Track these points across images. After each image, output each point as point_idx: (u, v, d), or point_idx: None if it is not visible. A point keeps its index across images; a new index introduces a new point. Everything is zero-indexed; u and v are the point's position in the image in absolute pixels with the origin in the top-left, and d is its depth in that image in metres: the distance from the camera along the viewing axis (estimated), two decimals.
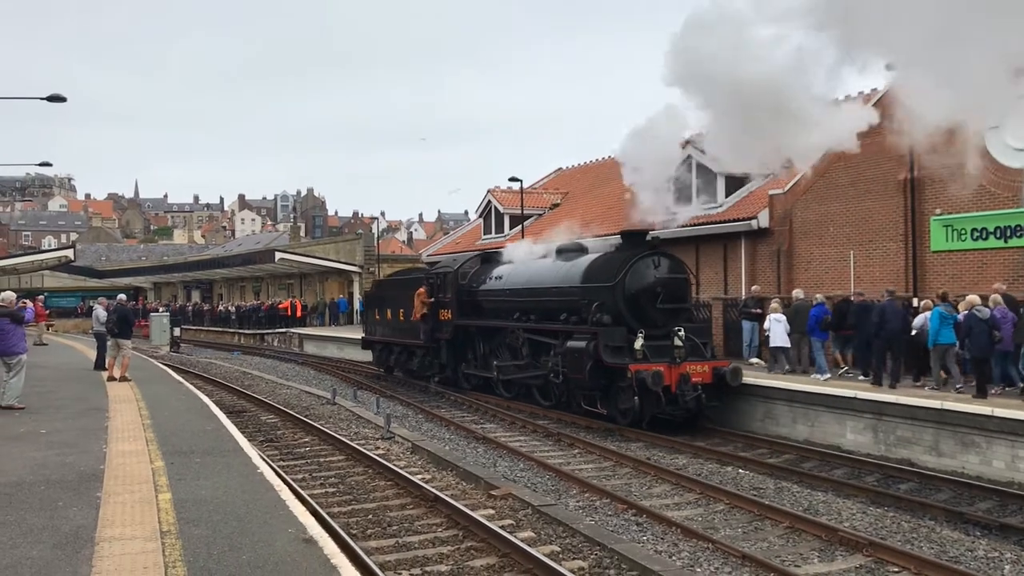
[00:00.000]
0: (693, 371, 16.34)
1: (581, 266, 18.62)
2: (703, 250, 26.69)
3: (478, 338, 22.19)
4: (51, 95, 23.61)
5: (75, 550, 6.37)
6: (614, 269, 17.41)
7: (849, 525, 10.26)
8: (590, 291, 17.73)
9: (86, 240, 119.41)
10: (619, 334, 16.68)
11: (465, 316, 22.45)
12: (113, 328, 18.96)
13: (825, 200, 22.61)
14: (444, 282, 23.23)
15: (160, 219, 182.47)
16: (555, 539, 9.65)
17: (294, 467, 13.53)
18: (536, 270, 20.54)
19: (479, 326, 21.94)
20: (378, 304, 28.27)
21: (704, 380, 16.48)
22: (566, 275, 18.95)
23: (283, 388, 25.26)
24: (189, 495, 8.09)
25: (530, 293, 20.03)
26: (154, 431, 11.91)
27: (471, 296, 22.50)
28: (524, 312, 20.27)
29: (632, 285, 17.05)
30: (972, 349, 14.51)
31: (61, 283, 73.67)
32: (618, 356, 16.46)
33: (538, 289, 19.73)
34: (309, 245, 70.81)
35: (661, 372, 15.78)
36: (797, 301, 18.62)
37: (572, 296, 18.34)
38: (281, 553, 6.34)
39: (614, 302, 17.07)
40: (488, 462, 14.39)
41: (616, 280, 17.10)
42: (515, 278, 21.00)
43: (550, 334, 18.78)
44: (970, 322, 14.42)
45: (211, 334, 55.78)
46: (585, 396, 17.78)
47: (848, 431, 15.27)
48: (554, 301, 19.06)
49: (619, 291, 17.04)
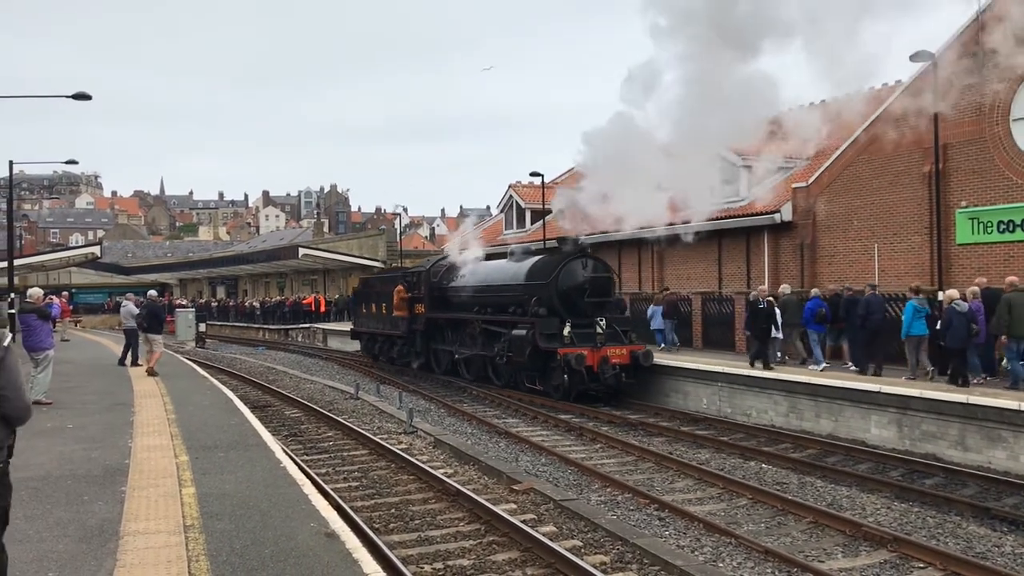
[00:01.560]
0: (613, 354, 19.36)
1: (525, 267, 21.79)
2: (725, 244, 26.57)
3: (446, 328, 25.43)
4: (77, 93, 23.80)
5: (100, 543, 6.44)
6: (550, 269, 20.67)
7: (873, 520, 10.19)
8: (531, 288, 20.89)
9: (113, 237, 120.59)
10: (552, 323, 19.73)
11: (436, 310, 25.63)
12: (143, 323, 19.46)
13: (849, 193, 22.43)
14: (419, 280, 26.58)
15: (185, 216, 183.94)
16: (577, 534, 9.65)
17: (317, 461, 13.61)
18: (491, 269, 23.94)
19: (447, 318, 25.15)
20: (364, 300, 31.75)
21: (622, 361, 19.49)
22: (513, 274, 22.20)
23: (307, 383, 25.41)
24: (213, 489, 8.15)
25: (486, 289, 23.27)
26: (179, 426, 12.02)
27: (441, 292, 25.58)
28: (482, 306, 23.25)
29: (564, 283, 20.24)
30: (951, 341, 14.85)
31: (88, 280, 74.51)
32: (551, 342, 19.48)
33: (492, 286, 23.03)
34: (332, 241, 71.15)
35: (584, 355, 18.82)
36: (785, 296, 19.47)
37: (517, 292, 21.50)
38: (303, 547, 6.38)
39: (549, 297, 20.26)
40: (510, 457, 14.40)
41: (551, 278, 20.33)
42: (475, 277, 24.24)
43: (500, 324, 21.83)
44: (950, 315, 14.84)
45: (236, 330, 56.21)
46: (527, 376, 20.90)
47: (873, 425, 15.17)
48: (504, 296, 22.22)
49: (553, 288, 20.25)
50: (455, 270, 25.46)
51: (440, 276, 25.88)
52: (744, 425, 16.97)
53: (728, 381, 18.44)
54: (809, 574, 8.48)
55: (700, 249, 27.62)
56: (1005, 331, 14.55)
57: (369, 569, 5.93)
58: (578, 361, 18.72)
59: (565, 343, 19.36)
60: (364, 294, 32.33)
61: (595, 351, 19.17)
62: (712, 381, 18.89)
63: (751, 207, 25.58)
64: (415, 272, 27.49)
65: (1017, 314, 14.21)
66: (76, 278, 73.55)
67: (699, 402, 19.17)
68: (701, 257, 27.65)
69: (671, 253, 29.19)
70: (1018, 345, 14.40)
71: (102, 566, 5.90)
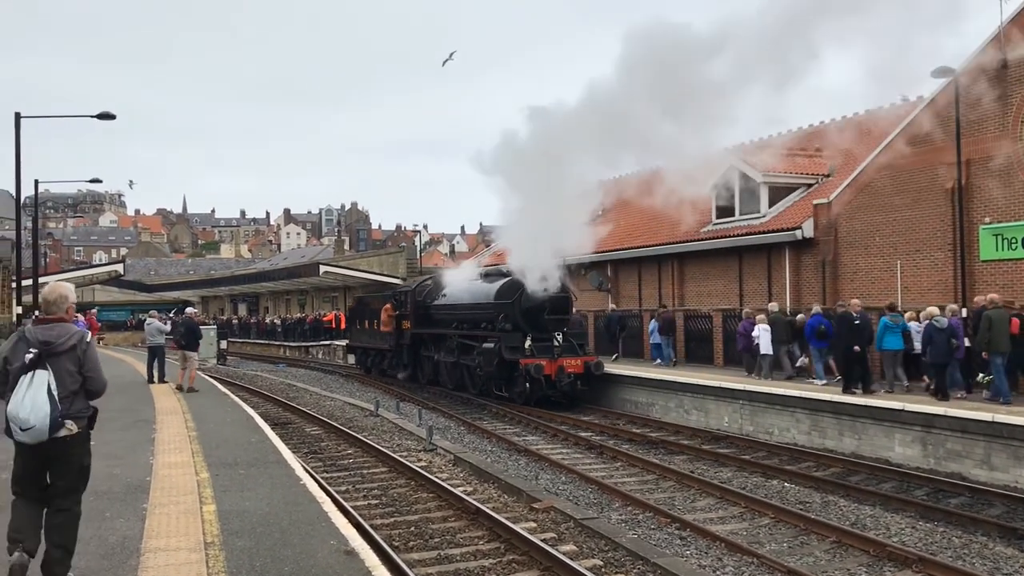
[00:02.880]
0: (568, 364, 21.76)
1: (495, 287, 24.12)
2: (746, 260, 26.47)
3: (429, 342, 27.89)
4: (101, 113, 24.04)
5: (122, 560, 6.46)
6: (515, 290, 22.94)
7: (898, 540, 10.07)
8: (499, 306, 23.33)
9: (136, 255, 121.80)
10: (516, 338, 22.26)
11: (420, 326, 28.17)
12: (181, 340, 19.69)
13: (871, 210, 22.30)
14: (406, 299, 29.15)
15: (207, 234, 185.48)
16: (597, 553, 9.59)
17: (337, 479, 13.61)
18: (467, 289, 26.16)
19: (429, 333, 27.78)
20: (359, 317, 34.80)
21: (577, 371, 21.87)
22: (485, 294, 24.52)
23: (327, 400, 25.46)
24: (233, 507, 8.17)
25: (461, 308, 25.83)
26: (200, 443, 12.06)
27: (425, 310, 28.11)
28: (459, 322, 25.86)
29: (526, 302, 22.56)
30: (932, 356, 15.52)
31: (111, 297, 75.11)
32: (514, 354, 21.91)
33: (467, 304, 25.49)
34: (353, 258, 71.47)
35: (542, 365, 21.32)
36: (773, 314, 20.19)
37: (488, 310, 23.98)
38: (323, 565, 6.38)
39: (514, 315, 22.73)
40: (530, 475, 14.35)
41: (515, 298, 22.72)
42: (453, 296, 26.71)
43: (473, 338, 24.34)
44: (930, 331, 15.54)
45: (257, 347, 56.47)
46: (495, 384, 23.11)
47: (897, 444, 15.00)
48: (476, 314, 24.71)
49: (517, 306, 22.68)
50: (438, 290, 28.00)
51: (424, 295, 28.40)
52: (766, 443, 16.84)
53: (749, 399, 18.33)
54: None
55: (720, 266, 27.54)
56: (986, 347, 15.00)
57: None
58: (537, 370, 21.24)
59: (527, 355, 21.79)
60: (358, 311, 35.19)
61: (552, 362, 21.60)
62: (734, 399, 18.79)
63: (772, 223, 25.49)
64: (403, 292, 30.36)
65: (997, 330, 14.80)
66: (99, 295, 74.17)
67: (720, 420, 19.06)
68: (721, 274, 27.55)
69: (691, 270, 29.12)
70: (999, 360, 14.89)
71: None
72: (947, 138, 18.92)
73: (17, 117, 23.01)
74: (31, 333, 5.80)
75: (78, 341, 5.82)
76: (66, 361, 5.74)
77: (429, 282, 29.42)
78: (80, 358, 5.81)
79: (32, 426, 5.51)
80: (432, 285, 28.73)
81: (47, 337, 5.74)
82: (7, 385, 5.67)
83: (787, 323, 20.04)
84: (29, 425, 5.51)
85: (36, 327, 5.88)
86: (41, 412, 5.52)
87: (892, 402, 15.30)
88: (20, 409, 5.52)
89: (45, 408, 5.53)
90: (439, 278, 28.97)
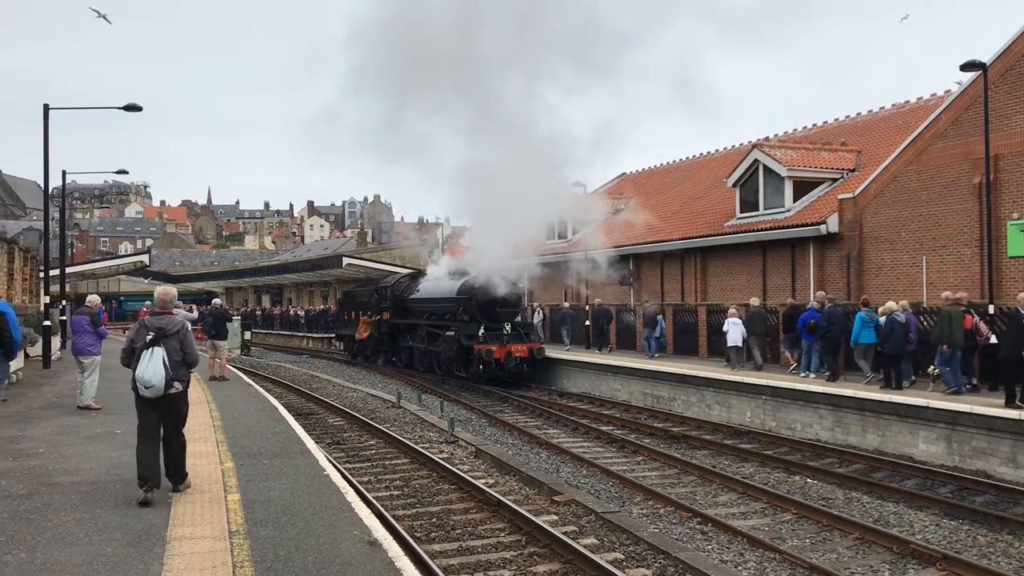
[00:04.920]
0: (515, 349, 25.71)
1: (457, 284, 28.16)
2: (770, 255, 26.30)
3: (405, 331, 32.23)
4: (128, 104, 24.12)
5: (147, 548, 6.53)
6: (473, 287, 26.94)
7: (922, 538, 10.01)
8: (459, 300, 27.46)
9: (161, 246, 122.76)
10: (473, 327, 26.14)
11: (398, 317, 32.50)
12: (210, 330, 19.95)
13: (897, 205, 22.09)
14: (385, 294, 33.48)
15: (232, 225, 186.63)
16: (618, 546, 9.60)
17: (360, 469, 13.70)
18: (436, 285, 30.54)
19: (404, 323, 32.14)
20: (346, 309, 39.56)
21: (523, 355, 25.87)
22: (449, 290, 28.61)
23: (349, 391, 25.59)
24: (257, 496, 8.23)
25: (431, 301, 30.05)
26: (224, 432, 12.16)
27: (402, 303, 32.28)
28: (429, 314, 30.10)
29: (481, 297, 26.65)
30: (888, 348, 16.66)
31: (137, 288, 75.78)
32: (470, 340, 25.82)
33: (435, 299, 29.81)
34: (376, 250, 71.68)
35: (492, 350, 25.23)
36: (752, 308, 21.40)
37: (451, 303, 28.13)
38: (346, 555, 6.42)
39: (471, 307, 26.77)
40: (551, 467, 14.37)
41: (473, 294, 26.81)
42: (426, 291, 31.01)
43: (439, 327, 28.57)
44: (890, 325, 16.60)
45: (280, 338, 56.78)
46: (456, 366, 27.09)
47: (921, 441, 14.89)
48: (442, 306, 28.95)
49: (474, 301, 26.73)
50: (413, 285, 32.44)
51: (402, 290, 32.70)
52: (789, 439, 16.77)
53: (773, 394, 18.25)
54: None
55: (743, 260, 27.39)
56: (945, 341, 15.56)
57: None
58: (488, 354, 25.15)
59: (480, 341, 25.54)
60: (346, 304, 40.02)
61: (502, 347, 25.43)
62: (756, 394, 18.72)
63: (797, 218, 25.32)
64: (384, 287, 34.27)
65: (955, 325, 15.43)
66: (125, 286, 74.91)
67: (743, 415, 18.99)
68: (744, 268, 27.41)
69: (714, 264, 28.98)
70: (955, 354, 15.59)
71: (149, 569, 5.98)
72: (975, 133, 18.71)
73: (46, 108, 23.20)
74: (149, 322, 8.08)
75: (180, 328, 8.17)
76: (173, 341, 7.99)
77: (405, 279, 34.07)
78: (182, 340, 8.09)
79: (153, 385, 7.78)
80: (408, 281, 33.35)
81: (160, 324, 8.04)
82: (134, 357, 7.94)
83: (763, 317, 21.46)
84: (151, 384, 7.78)
85: (152, 317, 8.16)
86: (159, 376, 7.78)
87: (917, 399, 15.18)
88: (145, 373, 7.79)
89: (161, 373, 7.79)
90: (417, 274, 33.78)
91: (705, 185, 34.02)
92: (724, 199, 29.91)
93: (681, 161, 41.44)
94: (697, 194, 33.94)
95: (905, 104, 28.87)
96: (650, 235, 32.30)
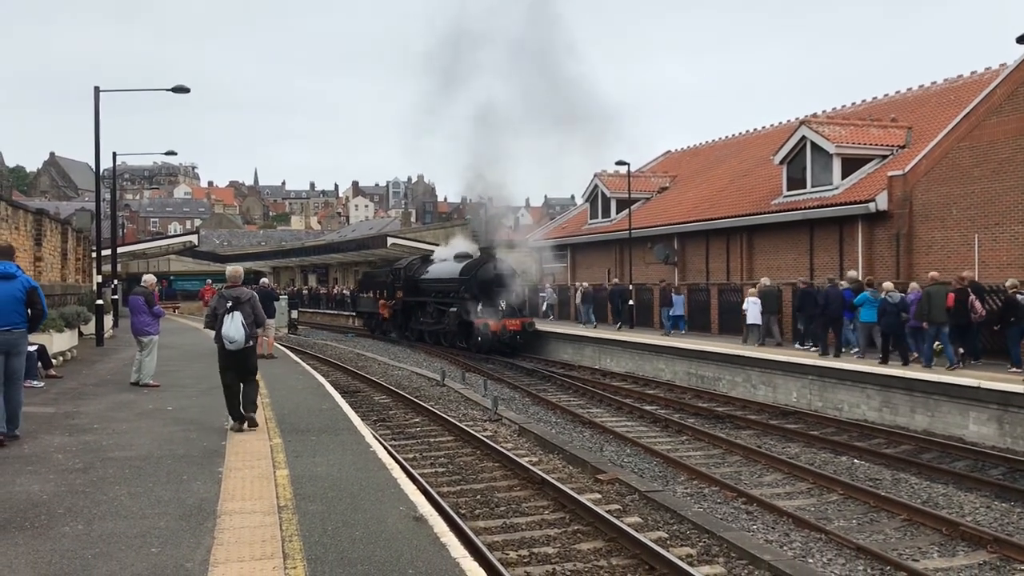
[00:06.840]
0: (509, 323, 29.22)
1: (460, 266, 32.06)
2: (817, 234, 25.97)
3: (416, 308, 36.07)
4: (176, 86, 24.38)
5: (199, 521, 6.67)
6: (473, 268, 30.93)
7: (972, 520, 9.87)
8: (462, 281, 31.20)
9: (209, 226, 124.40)
10: (473, 305, 29.91)
11: (410, 295, 36.33)
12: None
13: (948, 182, 21.65)
14: (399, 274, 37.21)
15: (278, 206, 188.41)
16: (662, 525, 9.60)
17: (405, 447, 13.84)
18: (442, 267, 34.36)
19: (415, 301, 35.86)
20: (365, 288, 44.12)
21: (516, 329, 29.39)
22: (452, 271, 32.53)
23: (395, 370, 25.82)
24: (305, 472, 8.36)
25: (438, 281, 33.89)
26: (272, 409, 12.34)
27: (414, 283, 36.02)
28: (435, 292, 33.89)
29: (481, 276, 30.41)
30: (884, 326, 17.45)
31: (186, 267, 76.89)
32: (470, 316, 29.74)
33: (442, 279, 33.61)
34: (419, 230, 71.94)
35: (489, 324, 28.85)
36: (765, 287, 22.13)
37: (454, 283, 31.86)
38: (392, 530, 6.50)
39: (472, 287, 30.39)
40: (594, 446, 14.40)
41: (472, 274, 30.62)
42: (434, 272, 34.92)
43: (444, 304, 32.58)
44: (885, 305, 17.36)
45: (327, 317, 57.36)
46: (458, 339, 31.23)
47: (971, 422, 14.65)
48: (448, 286, 32.58)
49: (474, 281, 30.44)
50: (423, 267, 36.25)
51: (413, 271, 36.40)
52: (835, 419, 16.61)
53: (819, 374, 18.07)
54: (903, 573, 8.27)
55: (790, 239, 27.08)
56: (926, 318, 16.33)
57: (457, 554, 6.00)
58: (485, 328, 28.86)
59: (479, 316, 29.18)
60: (365, 284, 44.66)
61: (498, 322, 28.90)
62: (802, 374, 18.54)
63: (845, 196, 24.93)
64: (398, 268, 38.07)
65: (935, 304, 16.15)
66: (174, 265, 76.01)
67: (788, 395, 18.83)
68: (791, 247, 27.10)
69: (760, 243, 28.70)
70: (937, 331, 16.35)
71: (200, 543, 6.11)
72: None
73: (96, 91, 23.56)
74: (227, 293, 10.34)
75: (250, 297, 10.42)
76: (247, 307, 10.28)
77: (416, 261, 37.98)
78: (253, 306, 10.37)
79: (235, 340, 10.13)
80: (419, 263, 37.20)
81: (236, 294, 10.34)
82: (218, 321, 10.20)
83: (776, 295, 22.08)
84: (235, 340, 10.12)
85: (228, 289, 10.41)
86: (240, 334, 10.14)
87: (967, 379, 14.93)
88: (229, 331, 10.11)
89: (241, 331, 10.14)
90: (427, 256, 37.92)
91: (752, 163, 33.61)
92: (771, 177, 29.55)
93: (727, 138, 40.95)
94: (743, 171, 33.55)
95: (958, 79, 28.20)
96: (695, 213, 32.05)
